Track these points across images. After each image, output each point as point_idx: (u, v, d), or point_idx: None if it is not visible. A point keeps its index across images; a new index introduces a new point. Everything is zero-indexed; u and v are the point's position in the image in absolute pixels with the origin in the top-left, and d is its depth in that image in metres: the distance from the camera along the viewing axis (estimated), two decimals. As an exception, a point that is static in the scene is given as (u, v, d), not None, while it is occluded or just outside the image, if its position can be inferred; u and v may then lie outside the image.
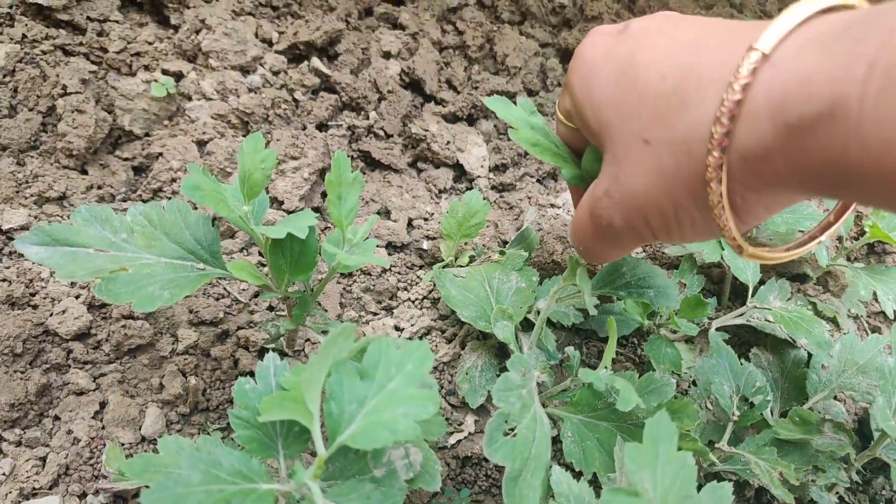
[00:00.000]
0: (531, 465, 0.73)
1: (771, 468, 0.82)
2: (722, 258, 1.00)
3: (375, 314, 1.05)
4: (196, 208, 0.99)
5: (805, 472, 0.87)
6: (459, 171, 1.25)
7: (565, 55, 1.42)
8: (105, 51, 1.24)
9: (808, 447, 0.89)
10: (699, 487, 0.67)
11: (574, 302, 0.95)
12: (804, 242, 0.64)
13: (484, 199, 1.01)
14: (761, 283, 1.04)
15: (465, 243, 1.04)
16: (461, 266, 1.01)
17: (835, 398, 0.98)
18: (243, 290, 1.05)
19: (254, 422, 0.68)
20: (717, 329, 1.02)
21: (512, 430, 0.73)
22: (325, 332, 0.83)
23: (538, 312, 0.95)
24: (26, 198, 1.07)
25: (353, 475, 0.69)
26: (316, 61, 1.22)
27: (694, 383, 1.01)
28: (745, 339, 1.09)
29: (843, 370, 0.94)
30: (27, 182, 1.08)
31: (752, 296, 1.01)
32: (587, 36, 0.67)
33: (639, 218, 0.60)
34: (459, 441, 0.96)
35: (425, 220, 1.13)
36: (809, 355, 1.00)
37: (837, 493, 0.91)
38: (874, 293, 1.08)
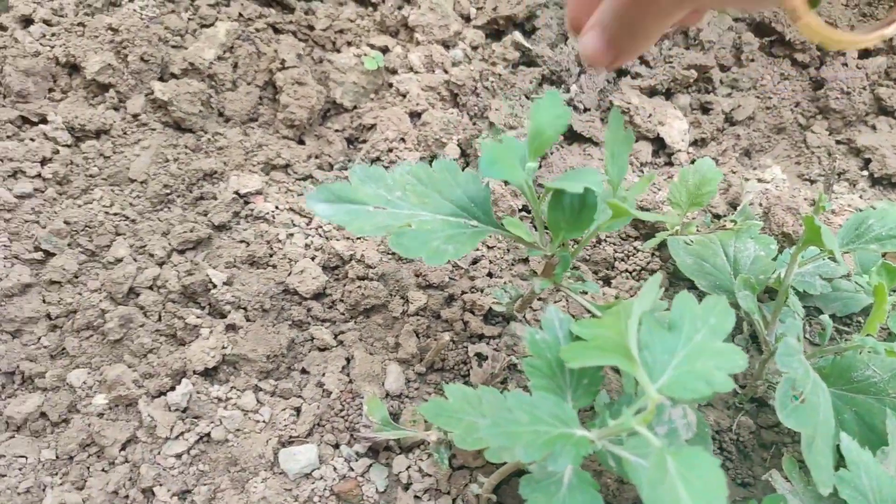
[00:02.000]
0: (821, 430, 0.71)
1: None
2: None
3: (591, 284, 1.05)
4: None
5: None
6: (658, 145, 1.23)
7: (759, 29, 1.38)
8: (312, 28, 1.29)
9: None
10: None
11: (819, 270, 0.92)
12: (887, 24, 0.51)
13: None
14: None
15: (693, 213, 1.03)
16: (688, 235, 1.00)
17: None
18: (462, 256, 1.07)
19: (547, 371, 0.69)
20: (964, 308, 0.96)
21: (800, 395, 0.72)
22: (583, 293, 0.83)
23: (779, 281, 0.92)
24: (254, 165, 1.12)
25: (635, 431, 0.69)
26: (517, 35, 1.23)
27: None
28: None
29: None
30: (253, 151, 1.14)
31: None
32: None
33: None
34: (691, 412, 0.94)
35: (636, 191, 1.12)
36: None
37: None
38: None
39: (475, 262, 1.07)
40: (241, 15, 1.27)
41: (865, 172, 1.24)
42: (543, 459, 0.60)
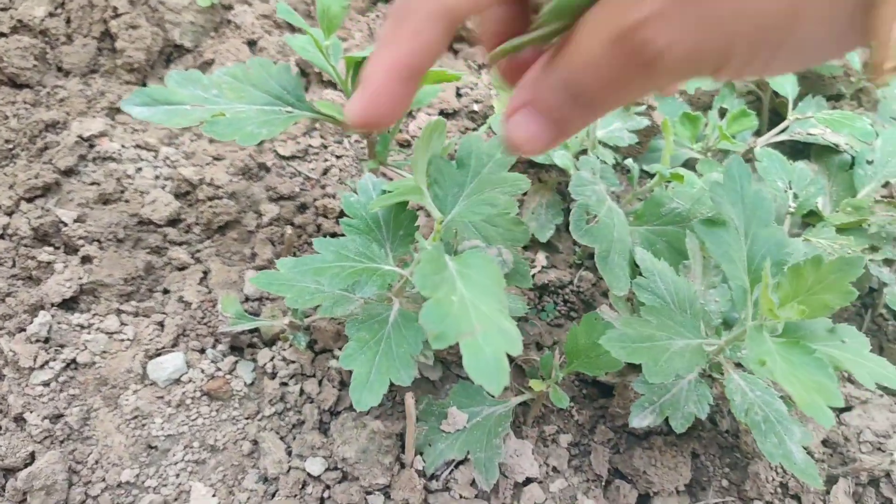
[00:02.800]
0: (616, 247, 0.80)
1: (831, 243, 0.88)
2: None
3: (437, 178, 1.11)
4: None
5: (863, 251, 0.93)
6: (494, 49, 1.30)
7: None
8: (143, -24, 1.29)
9: (863, 231, 0.95)
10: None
11: (627, 126, 1.01)
12: None
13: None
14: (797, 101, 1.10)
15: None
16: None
17: (883, 187, 1.04)
18: (312, 169, 1.12)
19: (364, 228, 0.75)
20: (762, 148, 1.07)
21: (593, 218, 0.80)
22: (408, 167, 0.90)
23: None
24: (98, 111, 1.14)
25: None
26: (345, -42, 1.27)
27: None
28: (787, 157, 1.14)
29: (886, 161, 1.00)
30: (96, 98, 1.15)
31: (793, 109, 1.06)
32: None
33: (717, 41, 0.40)
34: (534, 274, 1.02)
35: (471, 89, 1.19)
36: (852, 158, 1.05)
37: (893, 269, 0.97)
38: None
39: (326, 171, 1.12)
40: (67, -30, 1.26)
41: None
42: (353, 290, 0.66)
